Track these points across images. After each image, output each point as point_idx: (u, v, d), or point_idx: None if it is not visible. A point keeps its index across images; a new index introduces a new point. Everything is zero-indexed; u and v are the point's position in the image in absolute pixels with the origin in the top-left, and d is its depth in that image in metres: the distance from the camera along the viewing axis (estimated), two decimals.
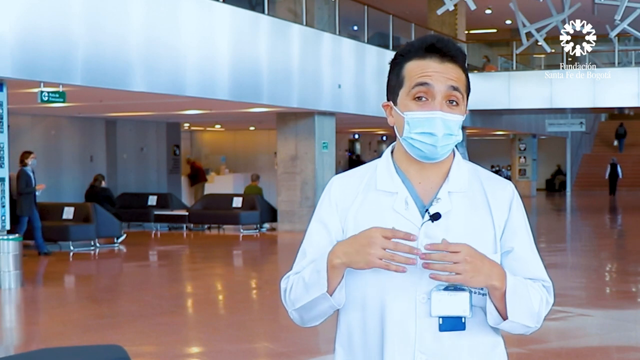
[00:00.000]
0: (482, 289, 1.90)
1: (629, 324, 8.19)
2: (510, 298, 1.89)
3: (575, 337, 7.50)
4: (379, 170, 2.03)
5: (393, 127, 2.01)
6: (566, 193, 34.12)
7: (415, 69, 1.95)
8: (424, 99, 1.93)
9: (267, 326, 8.06)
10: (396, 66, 2.00)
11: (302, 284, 1.97)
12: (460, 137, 1.98)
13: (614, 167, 32.31)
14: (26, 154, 13.33)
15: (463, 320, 1.91)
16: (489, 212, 1.98)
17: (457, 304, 1.88)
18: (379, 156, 2.10)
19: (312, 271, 1.94)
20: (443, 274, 1.83)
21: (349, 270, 1.92)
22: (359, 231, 1.93)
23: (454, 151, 2.04)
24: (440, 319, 1.90)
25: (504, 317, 1.91)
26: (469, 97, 2.04)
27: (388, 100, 2.02)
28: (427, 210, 1.95)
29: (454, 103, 1.95)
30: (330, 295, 1.92)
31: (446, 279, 1.82)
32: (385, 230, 1.84)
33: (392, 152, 2.06)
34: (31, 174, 13.06)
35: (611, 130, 38.34)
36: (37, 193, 13.36)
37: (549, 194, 34.32)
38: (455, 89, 1.94)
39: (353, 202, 2.01)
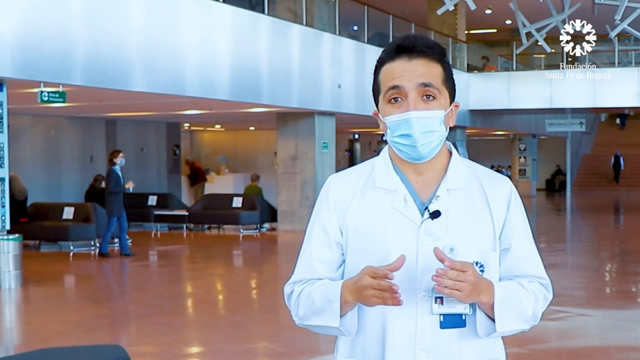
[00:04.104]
0: None
1: (629, 324, 8.19)
2: (499, 310, 1.91)
3: (575, 337, 7.49)
4: (377, 168, 2.04)
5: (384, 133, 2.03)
6: (566, 193, 34.12)
7: (387, 72, 1.97)
8: (399, 99, 1.95)
9: (267, 326, 8.06)
10: (375, 73, 2.03)
11: (311, 305, 1.98)
12: (444, 132, 1.97)
13: (617, 158, 34.36)
14: (115, 153, 13.29)
15: (464, 317, 1.93)
16: (487, 209, 1.99)
17: (457, 302, 1.90)
18: (377, 155, 2.11)
19: (323, 298, 1.95)
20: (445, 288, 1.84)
21: None
22: (359, 230, 1.96)
23: (450, 150, 2.05)
24: (441, 317, 1.92)
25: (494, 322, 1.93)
26: (455, 89, 2.02)
27: (377, 108, 2.04)
28: (426, 208, 1.95)
29: (431, 97, 1.94)
30: (342, 318, 1.94)
31: (448, 292, 1.84)
32: (370, 271, 1.84)
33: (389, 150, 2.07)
34: (120, 173, 13.05)
35: (612, 129, 38.73)
36: (130, 190, 13.43)
37: (549, 194, 34.32)
38: (426, 85, 1.93)
39: (351, 202, 2.01)
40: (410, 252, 1.92)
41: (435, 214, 1.93)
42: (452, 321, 1.92)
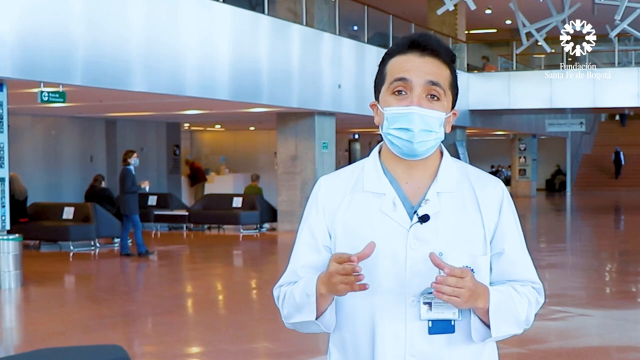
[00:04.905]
0: None
1: (629, 324, 8.19)
2: (494, 315, 1.88)
3: (575, 337, 7.49)
4: (366, 171, 2.01)
5: (379, 126, 1.99)
6: (566, 193, 34.12)
7: (396, 64, 1.95)
8: (402, 92, 1.92)
9: (267, 326, 8.05)
10: (382, 65, 2.00)
11: (293, 303, 1.97)
12: (442, 135, 1.94)
13: (617, 154, 34.75)
14: (129, 153, 13.33)
15: (452, 323, 1.91)
16: (478, 213, 1.96)
17: (446, 307, 1.88)
18: (367, 155, 2.08)
19: (302, 293, 1.93)
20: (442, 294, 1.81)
21: None
22: (347, 234, 1.94)
23: (441, 150, 2.02)
24: (430, 322, 1.89)
25: (489, 327, 1.91)
26: (458, 96, 2.01)
27: (375, 99, 2.02)
28: (415, 211, 1.93)
29: (435, 98, 1.92)
30: (321, 315, 1.93)
31: (447, 299, 1.81)
32: (336, 256, 1.82)
33: (379, 151, 2.04)
34: (134, 173, 13.09)
35: (612, 129, 38.85)
36: (146, 189, 13.47)
37: (549, 194, 34.32)
38: (434, 83, 1.91)
39: (340, 204, 1.99)
40: (399, 257, 1.90)
41: (424, 218, 1.90)
42: (440, 327, 1.90)
